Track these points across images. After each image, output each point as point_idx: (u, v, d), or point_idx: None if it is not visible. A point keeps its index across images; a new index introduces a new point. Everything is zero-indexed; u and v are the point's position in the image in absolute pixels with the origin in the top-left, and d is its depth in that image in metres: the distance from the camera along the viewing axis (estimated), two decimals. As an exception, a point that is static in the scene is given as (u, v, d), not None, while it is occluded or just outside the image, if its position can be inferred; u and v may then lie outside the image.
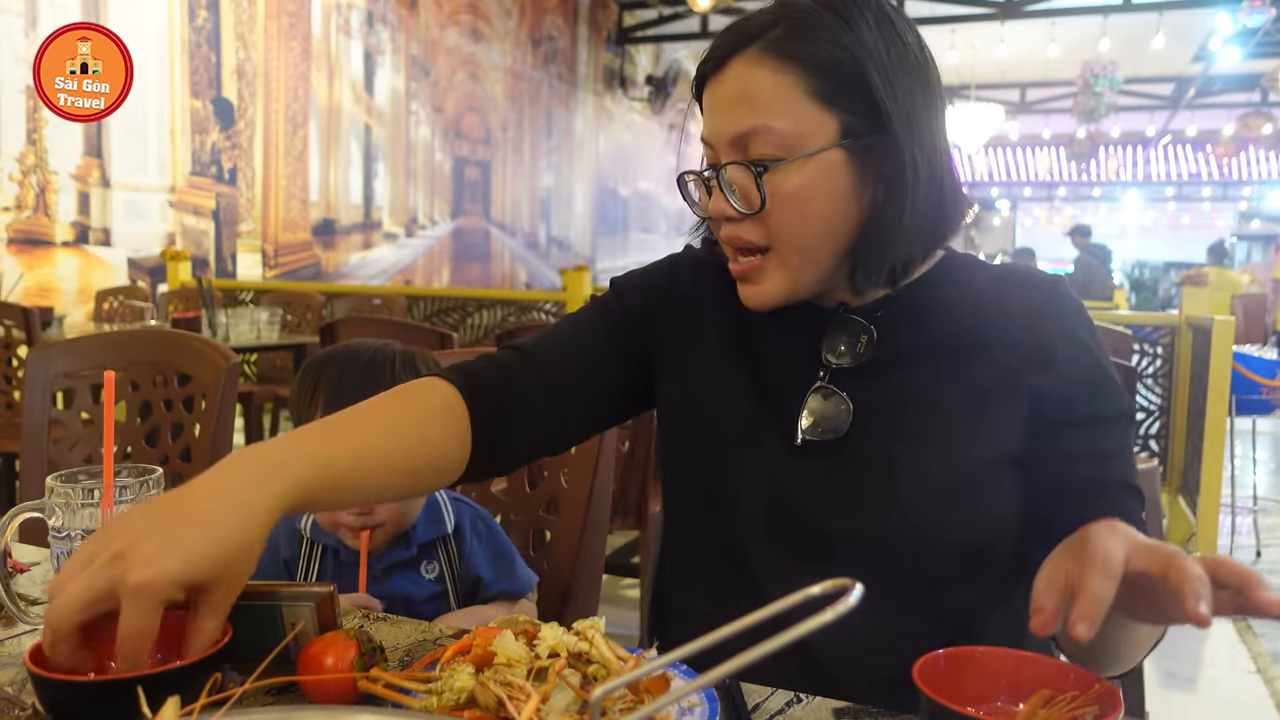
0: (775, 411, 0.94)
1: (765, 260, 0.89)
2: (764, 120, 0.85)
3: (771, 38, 0.86)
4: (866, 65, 0.85)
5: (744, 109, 0.86)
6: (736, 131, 0.87)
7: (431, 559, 1.23)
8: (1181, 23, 10.53)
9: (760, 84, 0.85)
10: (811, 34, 0.85)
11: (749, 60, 0.86)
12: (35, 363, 1.63)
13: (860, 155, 0.86)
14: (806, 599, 0.51)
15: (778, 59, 0.85)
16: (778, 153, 0.85)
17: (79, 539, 0.88)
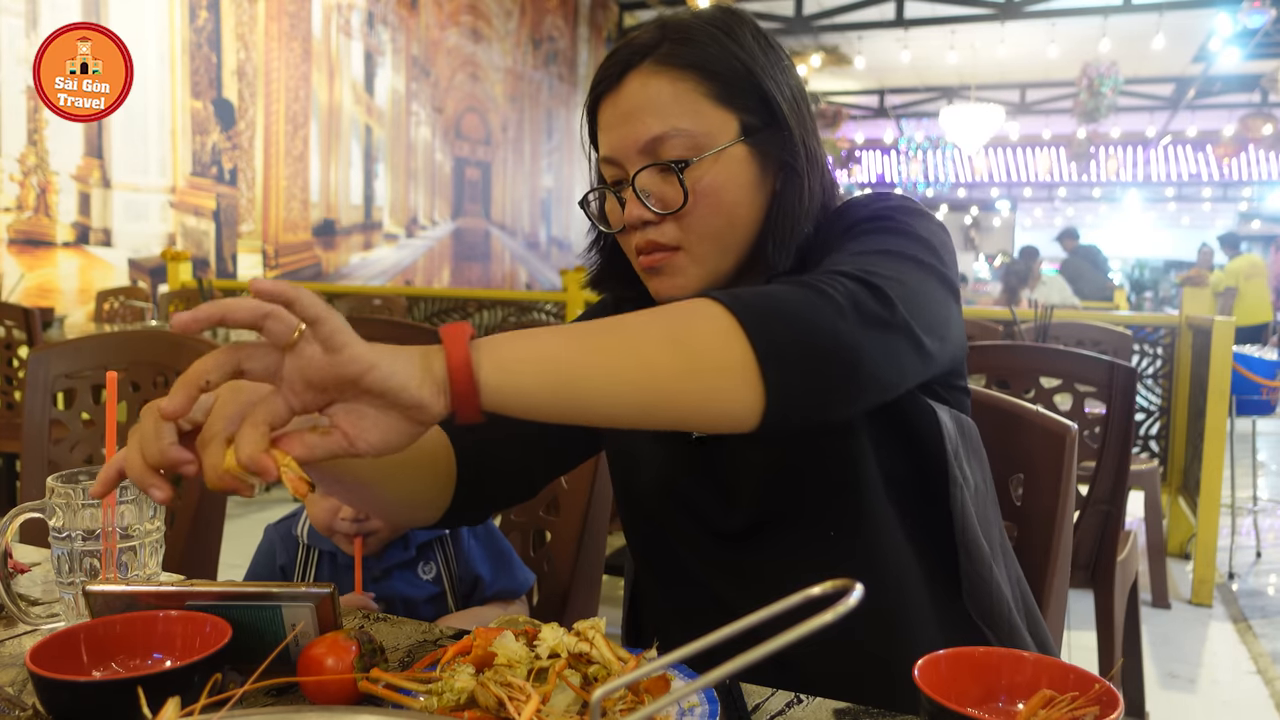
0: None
1: (678, 256, 0.93)
2: (672, 124, 0.90)
3: (663, 51, 0.92)
4: (753, 68, 0.92)
5: (650, 116, 0.91)
6: (646, 138, 0.91)
7: (429, 560, 1.23)
8: (1181, 23, 10.53)
9: (662, 92, 0.91)
10: (699, 44, 0.92)
11: (645, 73, 0.92)
12: (36, 363, 1.63)
13: (760, 148, 0.92)
14: (806, 599, 0.51)
15: (674, 68, 0.91)
16: (689, 153, 0.90)
17: (79, 540, 0.88)
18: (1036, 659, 0.67)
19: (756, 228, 0.94)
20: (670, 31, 0.93)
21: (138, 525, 0.90)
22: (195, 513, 1.53)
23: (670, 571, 1.03)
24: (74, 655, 0.72)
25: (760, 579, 0.95)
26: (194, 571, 1.41)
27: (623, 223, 0.94)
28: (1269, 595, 3.70)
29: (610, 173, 0.96)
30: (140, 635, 0.75)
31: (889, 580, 0.91)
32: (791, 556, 0.94)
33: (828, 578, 0.50)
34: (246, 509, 4.39)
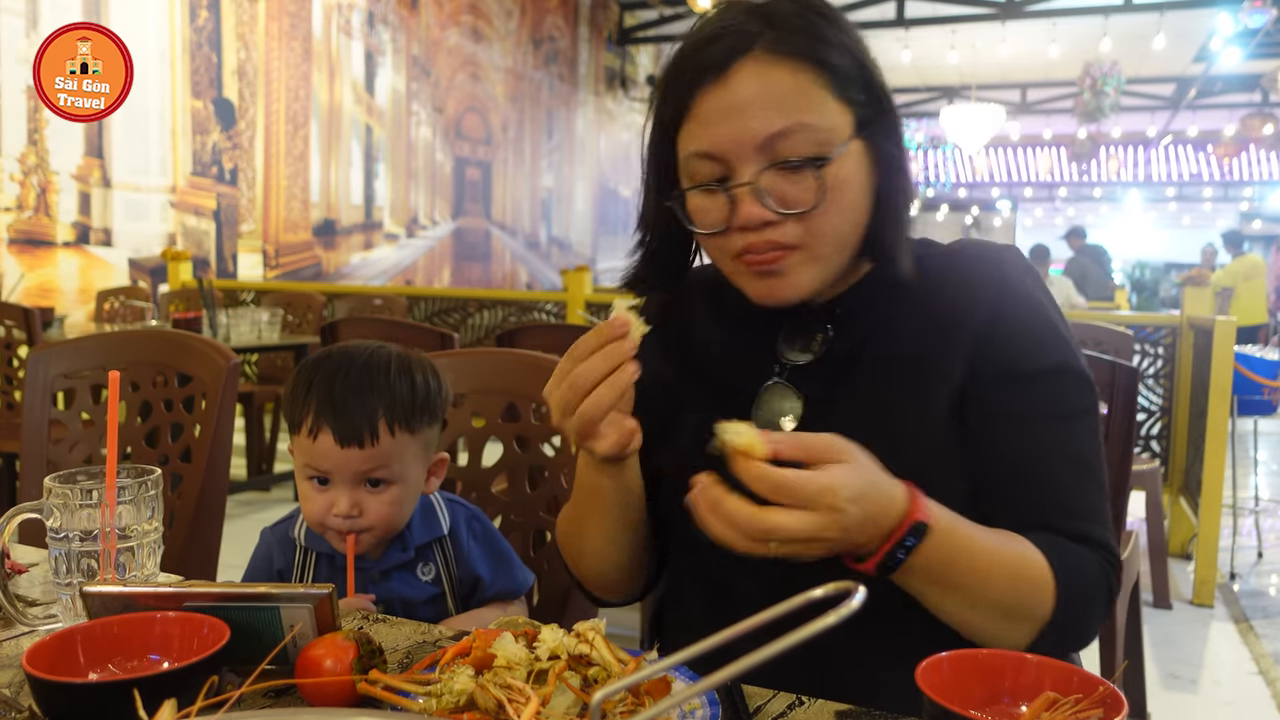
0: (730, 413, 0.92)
1: (794, 255, 0.89)
2: (798, 118, 0.85)
3: (772, 39, 0.86)
4: (862, 58, 0.89)
5: (770, 110, 0.85)
6: (766, 134, 0.85)
7: (428, 561, 1.23)
8: (1182, 23, 10.53)
9: (781, 83, 0.85)
10: (810, 33, 0.87)
11: (760, 63, 0.86)
12: (36, 363, 1.62)
13: (871, 141, 0.89)
14: (809, 602, 0.50)
15: (790, 58, 0.86)
16: (816, 149, 0.86)
17: (77, 540, 0.87)
18: (1040, 661, 0.67)
19: (865, 230, 0.91)
20: (775, 19, 0.87)
21: (136, 526, 0.89)
22: (194, 514, 1.52)
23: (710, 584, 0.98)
24: (71, 656, 0.71)
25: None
26: (192, 572, 1.41)
27: (726, 223, 0.89)
28: (1270, 595, 3.70)
29: (707, 169, 0.89)
30: (138, 636, 0.74)
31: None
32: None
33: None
34: (246, 511, 4.39)
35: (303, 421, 1.14)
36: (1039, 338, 0.90)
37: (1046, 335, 0.91)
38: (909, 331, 0.92)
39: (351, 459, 1.12)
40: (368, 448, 1.12)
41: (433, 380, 1.20)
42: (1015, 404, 0.89)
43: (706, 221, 0.90)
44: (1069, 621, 0.84)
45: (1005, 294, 0.91)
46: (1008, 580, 0.82)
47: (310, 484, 1.16)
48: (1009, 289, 0.92)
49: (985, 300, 0.91)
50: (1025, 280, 0.93)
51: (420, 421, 1.17)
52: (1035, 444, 0.88)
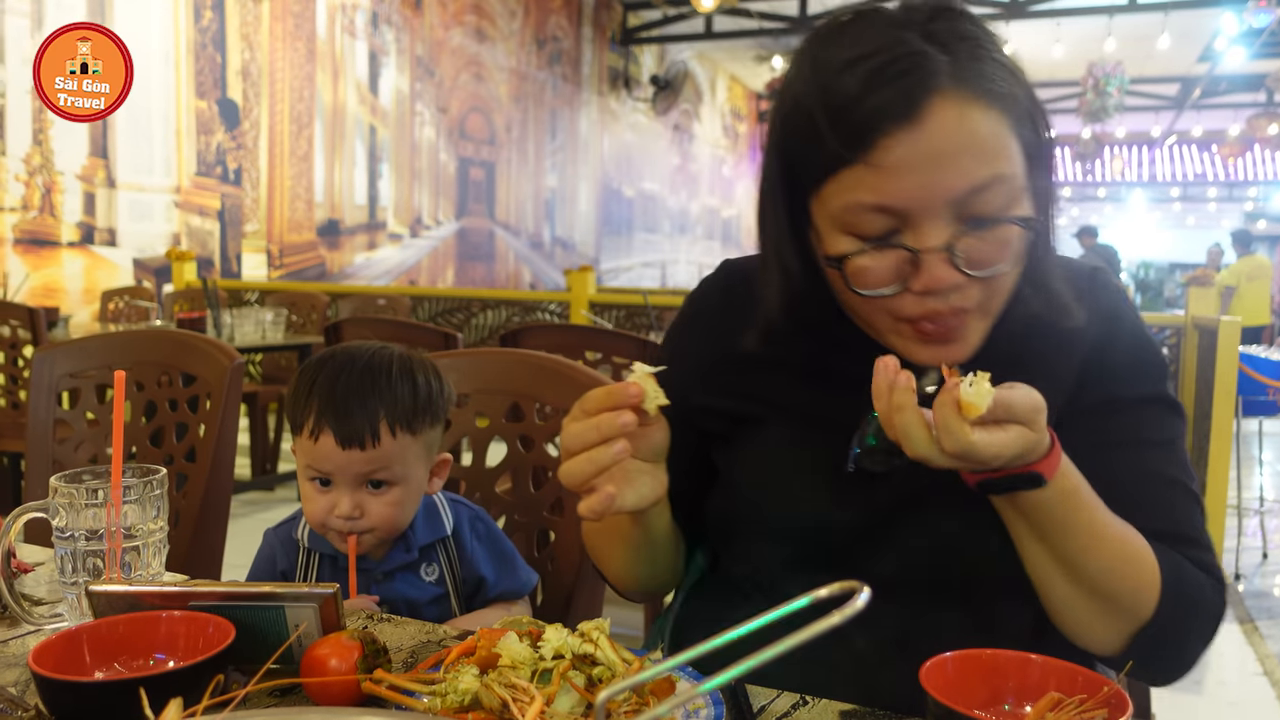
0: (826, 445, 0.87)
1: (969, 317, 0.80)
2: (997, 169, 0.75)
3: (954, 69, 0.75)
4: (1027, 83, 0.79)
5: (972, 160, 0.74)
6: (965, 188, 0.75)
7: (431, 561, 1.23)
8: (1187, 23, 10.51)
9: (981, 127, 0.75)
10: (984, 57, 0.76)
11: (956, 102, 0.74)
12: (41, 363, 1.63)
13: (1033, 182, 0.80)
14: (814, 601, 0.50)
15: (983, 95, 0.75)
16: (1009, 201, 0.77)
17: (83, 539, 0.87)
18: (1044, 661, 0.67)
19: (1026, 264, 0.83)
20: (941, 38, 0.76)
21: (141, 525, 0.89)
22: (199, 513, 1.53)
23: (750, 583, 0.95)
24: (77, 656, 0.71)
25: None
26: (197, 572, 1.41)
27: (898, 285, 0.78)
28: (1275, 596, 3.69)
29: (877, 223, 0.77)
30: (143, 635, 0.74)
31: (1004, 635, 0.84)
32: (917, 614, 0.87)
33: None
34: (250, 510, 4.40)
35: (304, 423, 1.14)
36: (1144, 364, 0.89)
37: (1151, 361, 0.89)
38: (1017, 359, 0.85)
39: (353, 461, 1.12)
40: (369, 449, 1.12)
41: (434, 381, 1.20)
42: (1122, 429, 0.87)
43: (870, 282, 0.79)
44: (1168, 631, 0.81)
45: (1111, 320, 0.89)
46: (1116, 562, 0.80)
47: (312, 485, 1.16)
48: (1115, 315, 0.89)
49: (1095, 325, 0.87)
50: (1126, 304, 0.91)
51: (422, 423, 1.17)
52: (1143, 470, 0.87)
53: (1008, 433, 0.70)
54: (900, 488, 0.87)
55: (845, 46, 0.77)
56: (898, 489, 0.87)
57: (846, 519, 0.89)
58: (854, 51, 0.76)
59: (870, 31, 0.77)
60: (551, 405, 1.42)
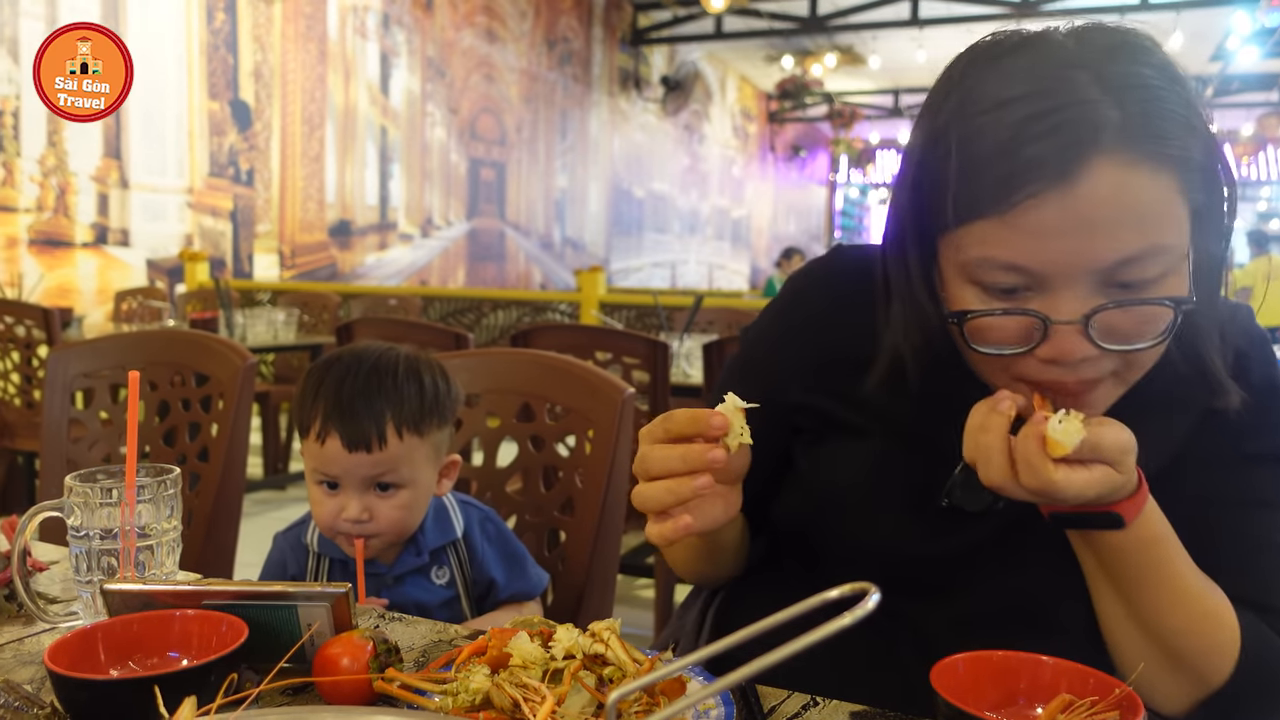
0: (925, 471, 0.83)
1: (1104, 383, 0.74)
2: (1155, 240, 0.67)
3: (1124, 125, 0.66)
4: (1209, 141, 0.70)
5: (1127, 230, 0.67)
6: (1119, 258, 0.67)
7: (443, 564, 1.23)
8: (1199, 22, 10.45)
9: (1142, 194, 0.66)
10: (1170, 114, 0.68)
11: (1116, 162, 0.66)
12: (55, 363, 1.64)
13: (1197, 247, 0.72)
14: (824, 603, 0.50)
15: (1150, 157, 0.66)
16: (1163, 275, 0.69)
17: (97, 538, 0.88)
18: (1055, 662, 0.67)
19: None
20: (1121, 92, 0.67)
21: (155, 525, 0.90)
22: (211, 512, 1.53)
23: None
24: (92, 653, 0.72)
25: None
26: (210, 571, 1.42)
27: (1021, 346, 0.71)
28: None
29: (1005, 278, 0.70)
30: (157, 634, 0.75)
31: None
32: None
33: None
34: (262, 509, 4.42)
35: (311, 426, 1.14)
36: (1270, 418, 0.82)
37: (1273, 417, 0.82)
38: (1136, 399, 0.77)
39: (360, 464, 1.12)
40: (376, 452, 1.12)
41: (441, 382, 1.19)
42: (1230, 485, 0.81)
43: (992, 340, 0.72)
44: (1243, 702, 0.77)
45: (1241, 366, 0.80)
46: (1192, 621, 0.75)
47: (320, 488, 1.16)
48: (1245, 360, 0.81)
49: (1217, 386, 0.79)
50: (1262, 348, 0.83)
51: (429, 424, 1.16)
52: (1245, 530, 0.81)
53: (1092, 473, 0.67)
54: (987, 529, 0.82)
55: (1003, 81, 0.70)
56: (985, 529, 0.82)
57: (923, 552, 0.84)
58: (1012, 90, 0.69)
59: (1036, 67, 0.69)
60: (562, 405, 1.42)
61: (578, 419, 1.40)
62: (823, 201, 19.81)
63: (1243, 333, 0.83)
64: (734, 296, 8.89)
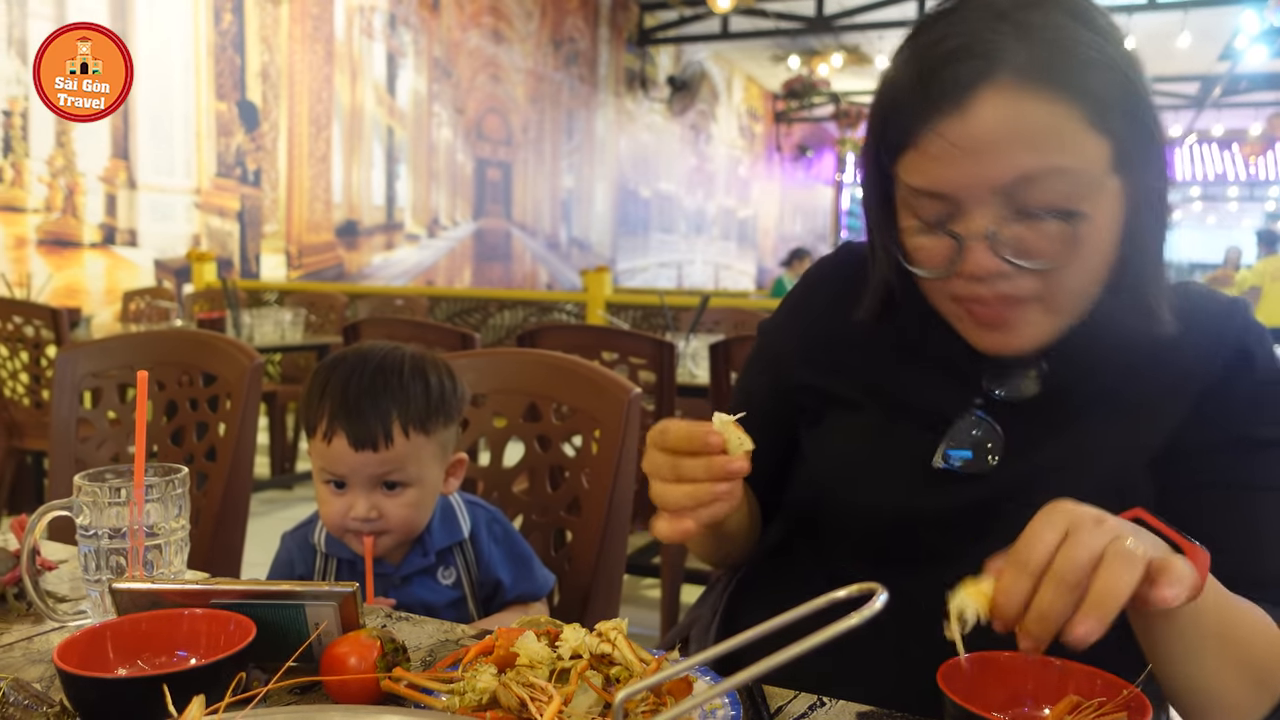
0: (916, 436, 0.89)
1: (1026, 307, 0.80)
2: (1051, 161, 0.74)
3: (1026, 59, 0.74)
4: (1129, 74, 0.76)
5: (1020, 151, 0.74)
6: (1010, 177, 0.75)
7: (449, 565, 1.23)
8: (1207, 21, 10.42)
9: (1035, 118, 0.74)
10: (1070, 49, 0.75)
11: (1009, 93, 0.74)
12: (64, 362, 1.65)
13: (1131, 177, 0.78)
14: (831, 603, 0.50)
15: (1047, 87, 0.74)
16: (1067, 197, 0.75)
17: (106, 538, 0.88)
18: (1064, 664, 0.67)
19: (1109, 277, 0.81)
20: (1027, 30, 0.75)
21: (163, 524, 0.90)
22: (219, 512, 1.54)
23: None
24: (101, 652, 0.72)
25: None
26: (217, 570, 1.42)
27: (950, 268, 0.79)
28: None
29: (932, 207, 0.79)
30: (166, 633, 0.75)
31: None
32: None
33: None
34: (269, 509, 4.43)
35: (318, 425, 1.14)
36: (1272, 404, 0.84)
37: (1264, 400, 0.84)
38: (1126, 374, 0.85)
39: (367, 462, 1.13)
40: (382, 451, 1.13)
41: (447, 381, 1.20)
42: (1238, 471, 0.83)
43: (927, 262, 0.81)
44: None
45: (1243, 355, 0.84)
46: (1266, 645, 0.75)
47: (327, 488, 1.16)
48: (1247, 350, 0.85)
49: (1221, 358, 0.83)
50: (1262, 340, 0.86)
51: (435, 423, 1.17)
52: (1254, 516, 0.82)
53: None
54: (987, 488, 0.85)
55: (929, 29, 0.79)
56: (985, 488, 0.85)
57: (930, 512, 0.87)
58: (932, 35, 0.78)
59: (963, 21, 0.77)
60: (568, 405, 1.42)
61: (584, 419, 1.40)
62: (829, 201, 19.80)
63: (1242, 326, 0.86)
64: (740, 296, 8.89)
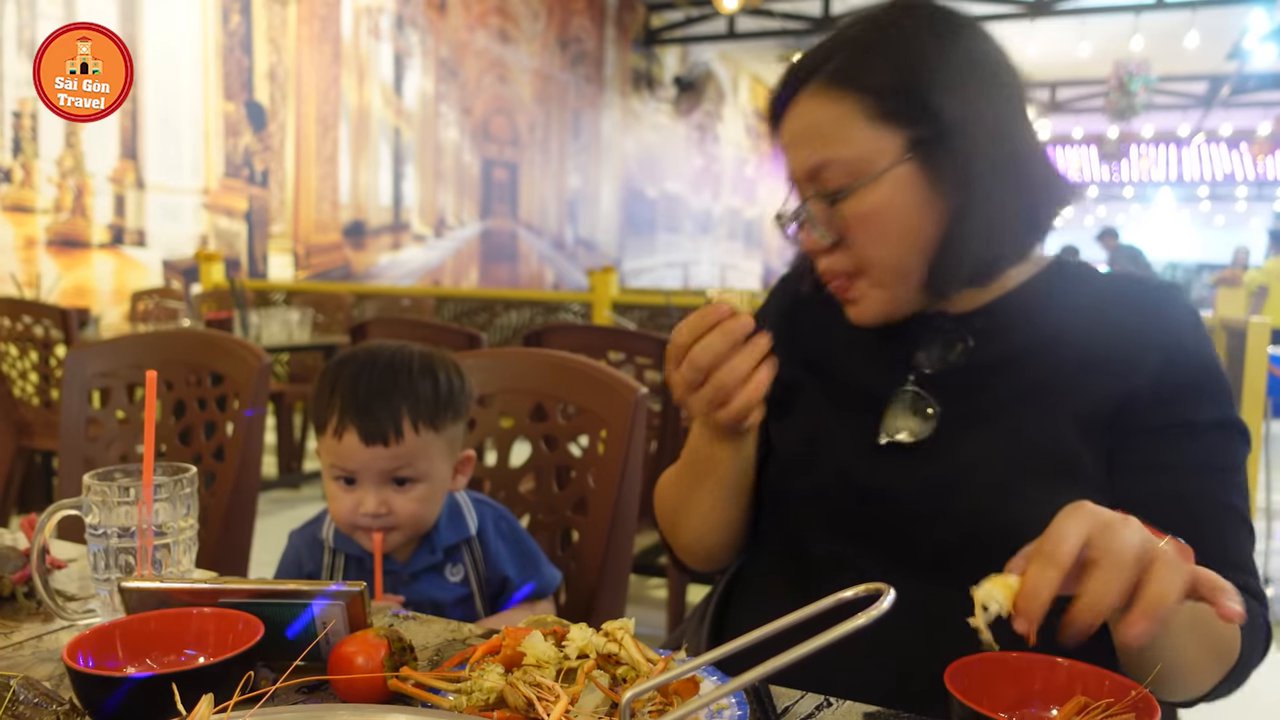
0: (858, 414, 0.95)
1: (859, 282, 0.91)
2: (829, 152, 0.87)
3: (830, 69, 0.87)
4: (924, 77, 0.85)
5: (811, 144, 0.88)
6: (807, 167, 0.89)
7: (457, 562, 1.23)
8: (1215, 20, 10.38)
9: (821, 116, 0.88)
10: (869, 57, 0.87)
11: (810, 95, 0.88)
12: (73, 362, 1.65)
13: (930, 166, 0.86)
14: (839, 603, 0.50)
15: (837, 89, 0.87)
16: (847, 181, 0.87)
17: (115, 537, 0.89)
18: (1071, 664, 0.66)
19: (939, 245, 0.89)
20: (842, 43, 0.89)
21: (172, 523, 0.91)
22: (226, 511, 1.54)
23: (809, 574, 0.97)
24: (110, 651, 0.73)
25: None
26: (225, 569, 1.42)
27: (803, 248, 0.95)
28: (1307, 601, 3.63)
29: (795, 193, 0.95)
30: (174, 631, 0.75)
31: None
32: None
33: None
34: (276, 508, 4.44)
35: (328, 421, 1.15)
36: (1208, 390, 0.88)
37: (1215, 387, 0.88)
38: (1051, 358, 0.90)
39: (377, 457, 1.14)
40: (392, 446, 1.13)
41: (456, 378, 1.21)
42: (1178, 454, 0.87)
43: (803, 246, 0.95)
44: (1246, 665, 0.84)
45: (1179, 342, 0.88)
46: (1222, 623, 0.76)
47: (337, 484, 1.17)
48: (1183, 337, 0.89)
49: (1157, 345, 0.88)
50: (1197, 328, 0.90)
51: (444, 419, 1.18)
52: (1196, 495, 0.86)
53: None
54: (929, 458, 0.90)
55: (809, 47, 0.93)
56: (927, 458, 0.90)
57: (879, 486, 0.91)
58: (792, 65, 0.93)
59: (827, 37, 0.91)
60: (575, 405, 1.42)
61: (590, 419, 1.40)
62: (835, 201, 19.73)
63: (1178, 314, 0.90)
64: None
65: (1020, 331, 0.91)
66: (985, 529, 0.86)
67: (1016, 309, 0.93)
